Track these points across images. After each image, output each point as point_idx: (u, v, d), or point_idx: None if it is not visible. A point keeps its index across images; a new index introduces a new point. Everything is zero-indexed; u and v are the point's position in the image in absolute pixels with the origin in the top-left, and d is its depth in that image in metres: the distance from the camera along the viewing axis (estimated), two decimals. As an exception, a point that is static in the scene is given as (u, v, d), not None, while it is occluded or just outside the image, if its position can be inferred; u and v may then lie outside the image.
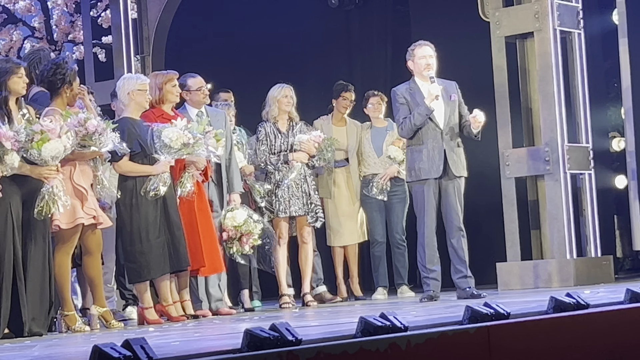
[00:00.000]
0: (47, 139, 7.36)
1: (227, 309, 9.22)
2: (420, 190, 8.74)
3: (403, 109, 8.74)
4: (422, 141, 8.71)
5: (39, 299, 7.66)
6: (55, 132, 7.41)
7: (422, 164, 8.70)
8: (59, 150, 7.42)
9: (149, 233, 8.34)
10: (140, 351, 3.52)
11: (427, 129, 8.69)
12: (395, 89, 8.88)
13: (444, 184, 8.72)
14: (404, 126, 8.72)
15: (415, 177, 8.76)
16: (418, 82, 8.82)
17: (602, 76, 12.17)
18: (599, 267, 9.99)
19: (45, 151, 7.37)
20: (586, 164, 10.12)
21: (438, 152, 8.69)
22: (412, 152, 8.79)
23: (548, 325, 4.72)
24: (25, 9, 14.82)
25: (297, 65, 12.38)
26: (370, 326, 4.19)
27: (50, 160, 7.44)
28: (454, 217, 8.74)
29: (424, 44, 8.88)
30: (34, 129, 7.37)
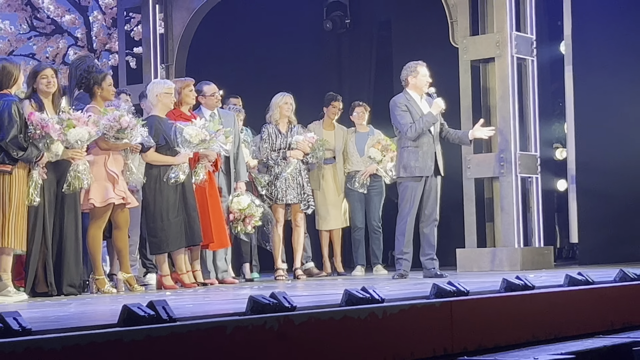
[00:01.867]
0: (72, 125, 7.34)
1: (231, 278, 9.22)
2: (411, 185, 8.67)
3: (406, 115, 8.67)
4: (419, 144, 8.67)
5: (73, 263, 7.65)
6: (81, 120, 7.40)
7: (417, 163, 8.65)
8: (82, 135, 7.41)
9: (169, 213, 8.33)
10: (162, 311, 3.52)
11: (424, 135, 8.67)
12: (395, 99, 8.79)
13: (430, 181, 8.70)
14: (412, 130, 8.60)
15: (410, 174, 8.67)
16: (412, 95, 8.78)
17: (550, 96, 12.18)
18: (542, 255, 10.00)
19: (70, 135, 7.35)
20: (534, 169, 10.14)
21: (430, 155, 8.67)
22: (409, 152, 8.68)
23: (501, 302, 4.73)
24: (70, 22, 14.80)
25: (296, 77, 12.37)
26: (354, 297, 4.19)
27: (75, 144, 7.42)
28: (433, 210, 8.72)
29: (423, 64, 8.81)
30: (62, 117, 7.35)
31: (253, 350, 3.51)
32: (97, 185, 7.76)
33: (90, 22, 14.84)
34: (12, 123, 7.12)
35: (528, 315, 4.74)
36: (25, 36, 14.90)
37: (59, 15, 14.76)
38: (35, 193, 7.34)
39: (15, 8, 14.53)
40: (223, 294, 7.11)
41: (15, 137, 7.13)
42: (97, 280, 7.86)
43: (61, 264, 7.59)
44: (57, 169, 7.54)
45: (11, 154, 7.16)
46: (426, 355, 4.11)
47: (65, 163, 7.52)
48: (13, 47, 14.83)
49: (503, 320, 4.56)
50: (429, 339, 4.17)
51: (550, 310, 4.90)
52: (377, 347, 3.95)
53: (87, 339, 3.13)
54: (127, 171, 8.02)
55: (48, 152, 7.30)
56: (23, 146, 7.18)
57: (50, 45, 14.85)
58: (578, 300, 5.12)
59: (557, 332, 4.79)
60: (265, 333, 3.57)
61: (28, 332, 3.19)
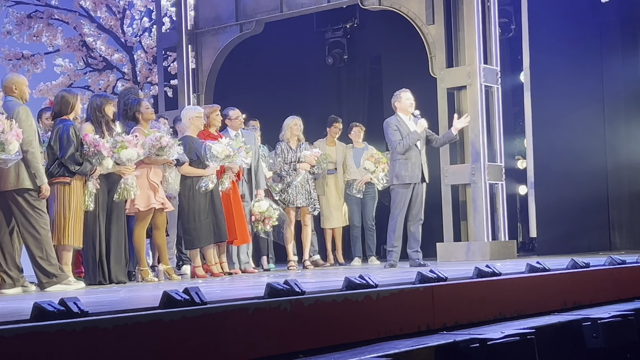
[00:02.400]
0: (124, 147, 7.37)
1: (252, 269, 9.21)
2: (401, 191, 8.67)
3: (396, 133, 8.68)
4: (408, 157, 8.66)
5: (121, 257, 7.66)
6: (132, 142, 7.42)
7: (407, 172, 8.64)
8: (132, 155, 7.44)
9: (200, 215, 8.34)
10: (195, 296, 3.51)
11: (412, 149, 8.66)
12: (388, 120, 8.79)
13: (417, 187, 8.69)
14: (401, 145, 8.61)
15: (401, 181, 8.66)
16: (401, 116, 8.78)
17: (512, 117, 12.16)
18: (507, 248, 9.98)
19: (123, 155, 7.37)
20: (500, 177, 10.13)
21: (418, 165, 8.66)
22: (400, 163, 8.67)
23: (473, 286, 4.71)
24: (118, 60, 14.81)
25: (303, 102, 12.37)
26: (352, 283, 4.18)
27: (126, 162, 7.44)
28: (419, 211, 8.71)
29: (406, 90, 8.85)
30: (117, 140, 7.38)
31: (270, 328, 3.50)
32: (142, 193, 7.77)
33: (135, 59, 14.85)
34: (70, 143, 7.17)
35: (496, 297, 4.73)
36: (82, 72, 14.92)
37: (109, 54, 14.77)
38: (90, 200, 7.36)
39: (73, 49, 14.56)
40: (245, 282, 7.10)
41: (72, 154, 7.17)
42: (141, 271, 7.86)
43: (110, 258, 7.61)
44: (109, 180, 7.57)
45: (69, 168, 7.19)
46: (412, 331, 4.10)
47: (115, 175, 7.55)
48: (72, 81, 14.85)
49: (475, 301, 4.54)
50: (414, 317, 4.16)
51: (514, 292, 4.88)
52: (372, 324, 3.93)
53: (134, 319, 3.12)
54: (164, 182, 8.03)
55: (100, 167, 7.32)
56: (79, 162, 7.20)
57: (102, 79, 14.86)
58: (537, 284, 5.11)
59: (520, 311, 4.77)
60: (280, 313, 3.56)
61: (85, 314, 3.19)
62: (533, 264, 5.45)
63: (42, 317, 3.11)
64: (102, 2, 14.40)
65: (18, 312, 3.87)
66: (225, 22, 12.00)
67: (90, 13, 14.46)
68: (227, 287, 6.05)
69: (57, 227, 7.19)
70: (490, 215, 9.96)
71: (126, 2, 14.68)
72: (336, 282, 4.66)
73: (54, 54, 14.65)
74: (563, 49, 10.84)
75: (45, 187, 6.79)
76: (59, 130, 7.24)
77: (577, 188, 10.80)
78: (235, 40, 11.99)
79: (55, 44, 14.48)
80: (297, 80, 13.00)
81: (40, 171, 6.76)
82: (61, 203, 7.22)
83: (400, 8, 10.50)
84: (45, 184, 6.79)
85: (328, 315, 3.75)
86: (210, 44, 12.14)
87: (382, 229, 9.39)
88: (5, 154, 6.36)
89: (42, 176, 6.77)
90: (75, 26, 14.43)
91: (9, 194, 6.79)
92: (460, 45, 10.09)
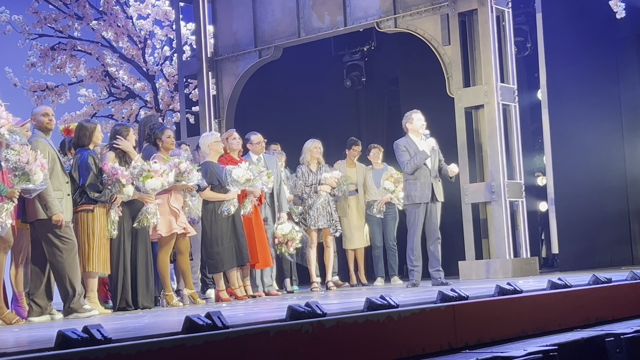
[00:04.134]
0: (150, 176, 7.40)
1: (275, 291, 9.19)
2: (414, 211, 8.66)
3: (405, 154, 8.68)
4: (417, 177, 8.65)
5: (145, 283, 7.67)
6: (158, 172, 7.45)
7: (416, 192, 8.63)
8: (157, 185, 7.47)
9: (222, 239, 8.34)
10: (217, 320, 3.50)
11: (421, 169, 8.64)
12: (398, 141, 8.80)
13: (429, 206, 8.66)
14: (409, 166, 8.62)
15: (411, 201, 8.67)
16: (412, 137, 8.77)
17: (530, 134, 12.12)
18: (529, 265, 9.90)
19: (147, 184, 7.41)
20: (520, 194, 10.06)
21: (427, 185, 8.64)
22: (409, 184, 8.69)
23: (495, 304, 4.67)
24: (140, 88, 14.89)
25: (323, 125, 12.39)
26: (373, 304, 4.16)
27: (150, 191, 7.48)
28: (435, 230, 8.68)
29: (417, 112, 8.86)
30: (144, 168, 7.41)
31: (291, 350, 3.49)
32: (163, 219, 7.79)
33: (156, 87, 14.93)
34: (88, 171, 7.24)
35: (518, 314, 4.68)
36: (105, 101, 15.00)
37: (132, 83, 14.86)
38: (113, 227, 7.38)
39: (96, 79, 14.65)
40: (268, 304, 7.08)
41: (91, 182, 7.22)
42: (166, 295, 7.87)
43: (136, 284, 7.62)
44: (134, 207, 7.60)
45: (89, 195, 7.23)
46: (434, 350, 4.07)
47: (140, 202, 7.58)
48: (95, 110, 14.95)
49: (497, 319, 4.50)
50: (436, 336, 4.12)
51: (536, 309, 4.83)
52: (394, 344, 3.90)
53: (157, 345, 3.11)
54: (185, 207, 8.05)
55: (120, 195, 7.35)
56: (99, 189, 7.25)
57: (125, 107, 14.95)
58: (559, 300, 5.06)
59: (542, 328, 4.73)
60: (302, 336, 3.54)
61: (109, 341, 3.19)
62: (554, 281, 5.40)
63: (66, 344, 3.11)
64: (124, 32, 14.52)
65: (43, 339, 3.88)
66: (244, 48, 12.06)
67: (112, 43, 14.57)
68: (250, 310, 6.03)
69: (82, 254, 7.22)
70: (512, 233, 9.88)
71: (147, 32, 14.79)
72: (358, 303, 4.64)
73: (77, 84, 14.75)
74: (579, 65, 10.80)
75: (56, 218, 6.77)
76: (77, 160, 7.32)
77: (598, 203, 10.71)
78: (255, 66, 12.04)
79: (79, 74, 14.59)
80: (316, 103, 13.02)
81: (51, 202, 6.75)
82: (85, 230, 7.26)
83: (416, 30, 10.51)
84: (57, 214, 6.77)
85: (349, 337, 3.73)
86: (230, 71, 12.20)
87: (404, 248, 9.34)
88: (31, 184, 6.40)
89: (53, 207, 6.75)
90: (98, 57, 14.54)
91: (36, 224, 6.85)
92: (476, 65, 10.08)
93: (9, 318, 6.57)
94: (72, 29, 14.32)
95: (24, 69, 14.33)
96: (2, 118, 5.74)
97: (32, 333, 5.04)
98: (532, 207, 11.61)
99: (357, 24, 11.14)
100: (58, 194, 6.86)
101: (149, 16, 14.71)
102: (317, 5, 11.43)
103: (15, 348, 3.55)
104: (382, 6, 10.82)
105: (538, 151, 12.18)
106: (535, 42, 11.01)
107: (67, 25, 14.27)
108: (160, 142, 7.97)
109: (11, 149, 6.30)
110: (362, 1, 11.02)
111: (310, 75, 12.99)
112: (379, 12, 10.85)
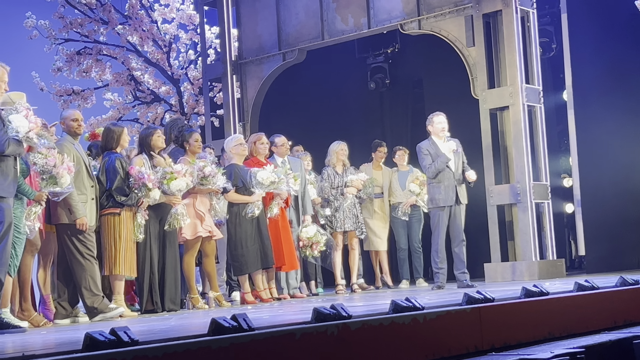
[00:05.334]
0: (174, 178, 7.44)
1: (300, 293, 9.19)
2: (437, 213, 8.68)
3: (428, 158, 8.70)
4: (440, 180, 8.65)
5: (173, 286, 7.70)
6: (180, 173, 7.49)
7: (440, 195, 8.65)
8: (182, 185, 7.50)
9: (247, 242, 8.35)
10: (243, 322, 3.50)
11: (444, 172, 8.64)
12: (420, 144, 8.82)
13: (453, 209, 8.65)
14: (431, 169, 8.65)
15: (435, 204, 8.69)
16: (435, 140, 8.77)
17: (556, 136, 12.06)
18: (555, 267, 9.84)
19: (172, 185, 7.44)
20: (546, 196, 10.01)
21: (451, 188, 8.63)
22: (433, 187, 8.71)
23: (521, 306, 4.64)
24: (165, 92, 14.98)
25: (348, 128, 12.39)
26: (399, 306, 4.15)
27: (176, 192, 7.51)
28: (459, 232, 8.67)
29: (439, 114, 8.86)
30: (167, 170, 7.45)
31: (317, 353, 3.49)
32: (189, 222, 7.82)
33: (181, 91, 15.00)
34: (116, 174, 7.28)
35: (544, 316, 4.65)
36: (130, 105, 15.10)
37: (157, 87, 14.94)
38: (139, 231, 7.42)
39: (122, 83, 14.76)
40: (293, 307, 7.08)
41: (118, 186, 7.26)
42: (192, 298, 7.90)
43: (164, 286, 7.65)
44: (160, 210, 7.63)
45: (116, 198, 7.28)
46: (460, 352, 4.05)
47: (166, 205, 7.61)
48: (121, 114, 15.04)
49: (524, 322, 4.47)
50: (462, 338, 4.11)
51: (563, 311, 4.80)
52: (420, 347, 3.89)
53: (183, 347, 3.13)
54: (212, 210, 8.08)
55: (147, 199, 7.38)
56: (125, 193, 7.30)
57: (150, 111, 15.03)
58: (586, 302, 5.02)
59: (569, 330, 4.69)
60: (327, 338, 3.54)
61: (135, 343, 3.20)
62: (581, 283, 5.36)
63: (93, 347, 3.13)
64: (149, 36, 14.60)
65: (71, 342, 3.91)
66: (268, 51, 12.09)
67: (137, 48, 14.67)
68: (275, 313, 6.04)
69: (109, 257, 7.27)
70: (538, 235, 9.83)
71: (172, 36, 14.87)
72: (383, 305, 4.63)
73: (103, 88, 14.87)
74: (605, 65, 10.73)
75: (80, 222, 6.83)
76: (105, 163, 7.36)
77: (624, 204, 10.63)
78: (279, 69, 12.06)
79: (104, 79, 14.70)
80: (340, 106, 13.02)
81: (75, 206, 6.81)
82: (111, 234, 7.30)
83: (440, 31, 10.49)
84: (81, 218, 6.83)
85: (375, 339, 3.72)
86: (254, 74, 12.23)
87: (429, 250, 9.31)
88: (58, 187, 6.46)
89: (77, 211, 6.81)
90: (123, 61, 14.64)
91: (59, 227, 6.91)
92: (501, 66, 10.04)
93: (37, 321, 6.62)
94: (98, 33, 14.43)
95: (50, 73, 14.46)
96: (31, 122, 5.79)
97: (59, 335, 5.08)
98: (558, 209, 11.55)
99: (380, 26, 11.13)
100: (82, 197, 6.92)
101: (174, 20, 14.79)
102: (340, 8, 11.43)
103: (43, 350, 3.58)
104: (406, 8, 10.80)
105: (564, 152, 12.11)
106: (560, 42, 10.95)
107: (92, 29, 14.38)
108: (187, 145, 8.02)
109: (38, 152, 6.36)
110: (386, 3, 11.01)
111: (334, 78, 12.99)
112: (403, 14, 10.83)
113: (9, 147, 5.68)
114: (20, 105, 5.86)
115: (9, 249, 5.82)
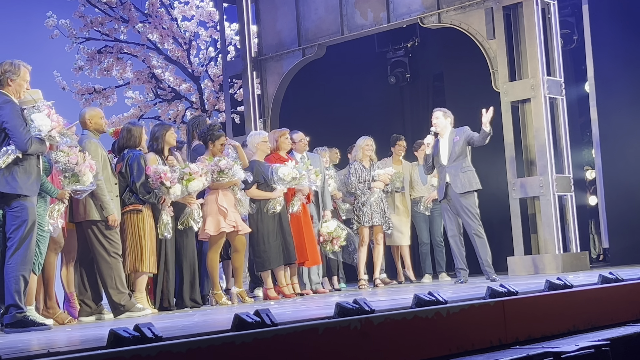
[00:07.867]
0: (192, 179, 7.44)
1: (323, 289, 9.19)
2: (443, 207, 8.80)
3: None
4: (436, 175, 8.84)
5: (190, 283, 7.72)
6: (198, 173, 7.50)
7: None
8: (199, 186, 7.51)
9: (269, 238, 8.37)
10: (266, 317, 3.51)
11: (437, 166, 8.74)
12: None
13: (453, 202, 8.60)
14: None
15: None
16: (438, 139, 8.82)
17: (578, 128, 11.98)
18: (579, 259, 9.78)
19: (190, 186, 7.45)
20: (568, 188, 9.94)
21: (443, 181, 8.63)
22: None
23: (545, 299, 4.62)
24: (186, 89, 15.04)
25: (368, 123, 12.36)
26: (422, 300, 4.13)
27: (192, 192, 7.53)
28: (468, 225, 8.59)
29: (435, 110, 8.94)
30: (185, 172, 7.45)
31: (340, 347, 3.48)
32: (211, 218, 7.84)
33: (202, 88, 15.05)
34: (141, 171, 7.30)
35: (568, 309, 4.63)
36: (152, 102, 15.18)
37: (177, 85, 15.01)
38: (165, 229, 7.44)
39: (143, 81, 14.83)
40: (316, 302, 7.09)
41: (143, 182, 7.29)
42: (215, 294, 7.92)
43: (182, 284, 7.68)
44: (176, 207, 7.65)
45: (139, 195, 7.31)
46: (484, 346, 4.03)
47: (181, 203, 7.62)
48: (142, 112, 15.12)
49: (548, 314, 4.45)
50: (486, 332, 4.09)
51: (587, 304, 4.77)
52: (443, 340, 3.88)
53: (207, 342, 3.13)
54: (238, 204, 8.06)
55: (168, 196, 7.40)
56: (149, 190, 7.33)
57: (172, 108, 15.10)
58: (610, 295, 4.98)
59: (594, 323, 4.67)
60: (350, 332, 3.54)
61: (159, 339, 3.21)
62: (605, 275, 5.32)
63: (117, 343, 3.15)
64: (169, 34, 14.66)
65: (95, 339, 3.93)
66: (287, 47, 12.09)
67: (157, 46, 14.73)
68: (298, 308, 6.04)
69: (135, 255, 7.30)
70: (561, 227, 9.77)
71: (192, 33, 14.91)
72: (406, 300, 4.62)
73: (124, 86, 14.95)
74: (627, 56, 10.64)
75: (112, 218, 6.90)
76: (129, 159, 7.39)
77: (649, 196, 10.55)
78: (299, 64, 12.06)
79: (125, 77, 14.78)
80: (360, 100, 13.01)
81: (107, 203, 6.87)
82: (134, 231, 7.33)
83: (460, 25, 10.44)
84: (113, 215, 6.90)
85: (398, 333, 3.71)
86: (274, 70, 12.24)
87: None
88: (80, 185, 6.50)
89: (109, 207, 6.88)
90: (144, 59, 14.71)
91: (84, 224, 6.95)
92: (522, 58, 9.98)
93: (62, 318, 6.67)
94: (118, 32, 14.51)
95: (71, 72, 14.56)
96: (53, 121, 5.82)
97: (84, 332, 5.11)
98: (581, 201, 11.49)
99: (400, 20, 11.09)
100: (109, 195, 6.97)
101: (194, 17, 14.84)
102: (360, 3, 11.41)
103: (68, 347, 3.61)
104: (426, 1, 10.76)
105: (587, 145, 12.04)
106: (581, 34, 10.87)
107: (113, 28, 14.46)
108: (212, 145, 7.97)
109: (60, 150, 6.39)
110: (405, -3, 10.98)
111: (354, 73, 12.98)
112: (422, 7, 10.80)
113: (31, 146, 5.72)
114: (42, 103, 5.89)
115: (33, 247, 5.86)
